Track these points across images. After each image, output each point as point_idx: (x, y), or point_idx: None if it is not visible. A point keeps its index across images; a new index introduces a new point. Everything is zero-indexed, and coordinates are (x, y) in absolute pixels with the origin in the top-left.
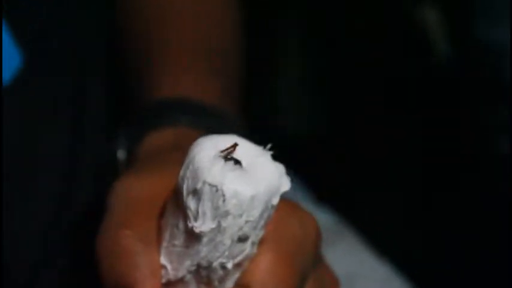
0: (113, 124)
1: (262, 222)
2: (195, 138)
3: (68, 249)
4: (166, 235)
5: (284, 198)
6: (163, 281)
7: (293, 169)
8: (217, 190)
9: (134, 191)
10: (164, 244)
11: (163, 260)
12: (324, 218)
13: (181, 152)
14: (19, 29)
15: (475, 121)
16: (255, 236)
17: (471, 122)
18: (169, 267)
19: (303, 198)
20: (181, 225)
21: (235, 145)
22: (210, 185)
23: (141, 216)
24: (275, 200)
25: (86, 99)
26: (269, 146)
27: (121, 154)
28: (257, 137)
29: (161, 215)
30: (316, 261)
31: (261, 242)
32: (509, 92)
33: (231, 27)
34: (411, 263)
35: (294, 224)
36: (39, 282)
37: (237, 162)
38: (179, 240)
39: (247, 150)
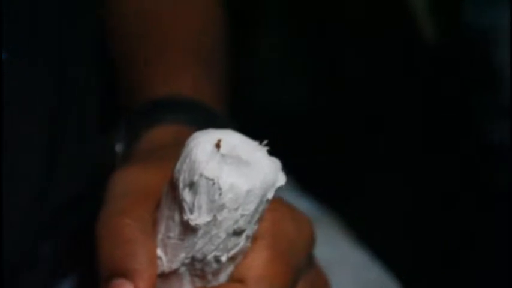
0: (97, 118)
1: (257, 216)
2: None
3: (49, 239)
4: (162, 227)
5: (280, 198)
6: (158, 272)
7: (276, 151)
8: (214, 183)
9: (134, 182)
10: (159, 236)
11: (158, 252)
12: (304, 205)
13: (180, 147)
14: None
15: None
16: (250, 229)
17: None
18: (164, 258)
19: (285, 185)
20: (177, 217)
21: (232, 139)
22: (207, 178)
23: (140, 207)
24: (270, 195)
25: (66, 92)
26: (265, 141)
27: (119, 148)
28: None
29: (158, 207)
30: (309, 262)
31: (256, 239)
32: (497, 77)
33: (217, 23)
34: (393, 252)
35: (290, 225)
36: (24, 272)
37: (234, 156)
38: (174, 233)
39: (244, 145)
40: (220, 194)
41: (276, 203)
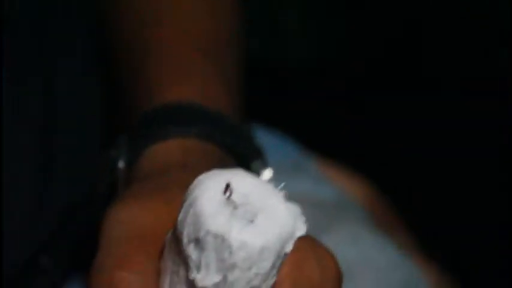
0: (95, 123)
1: (274, 272)
2: (204, 154)
3: (48, 251)
4: (166, 281)
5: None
6: None
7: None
8: (222, 240)
9: (132, 222)
10: None
11: None
12: (324, 194)
13: (188, 172)
14: None
15: None
16: (266, 286)
17: None
18: None
19: (308, 168)
20: (181, 273)
21: (243, 183)
22: (214, 235)
23: (140, 255)
24: (288, 248)
25: (57, 103)
26: (282, 184)
27: (121, 164)
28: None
29: (162, 254)
30: None
31: (275, 286)
32: None
33: (228, 7)
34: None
35: (312, 267)
36: (25, 283)
37: (246, 205)
38: None
39: (257, 189)
40: (230, 253)
41: (297, 241)
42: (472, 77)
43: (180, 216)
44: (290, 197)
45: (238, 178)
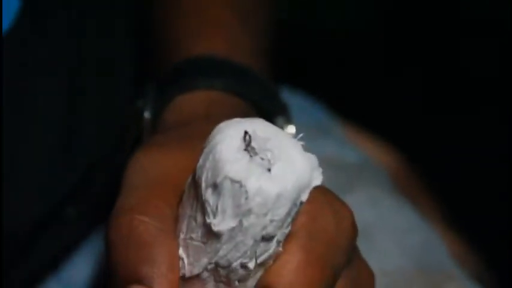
0: (124, 73)
1: (289, 220)
2: (228, 107)
3: (73, 202)
4: (184, 226)
5: (318, 186)
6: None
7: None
8: (240, 186)
9: (154, 168)
10: (181, 236)
11: (180, 252)
12: (348, 157)
13: (211, 123)
14: None
15: None
16: (281, 234)
17: None
18: (185, 261)
19: (331, 131)
20: (199, 218)
21: (262, 131)
22: (232, 180)
23: (160, 200)
24: (304, 197)
25: (88, 42)
26: (300, 135)
27: (148, 115)
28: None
29: (181, 200)
30: (351, 256)
31: (290, 236)
32: None
33: None
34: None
35: (328, 218)
36: (44, 236)
37: (264, 152)
38: (197, 234)
39: (276, 138)
40: (246, 198)
41: (314, 192)
42: (472, 77)
43: (200, 162)
44: None
45: (258, 126)
